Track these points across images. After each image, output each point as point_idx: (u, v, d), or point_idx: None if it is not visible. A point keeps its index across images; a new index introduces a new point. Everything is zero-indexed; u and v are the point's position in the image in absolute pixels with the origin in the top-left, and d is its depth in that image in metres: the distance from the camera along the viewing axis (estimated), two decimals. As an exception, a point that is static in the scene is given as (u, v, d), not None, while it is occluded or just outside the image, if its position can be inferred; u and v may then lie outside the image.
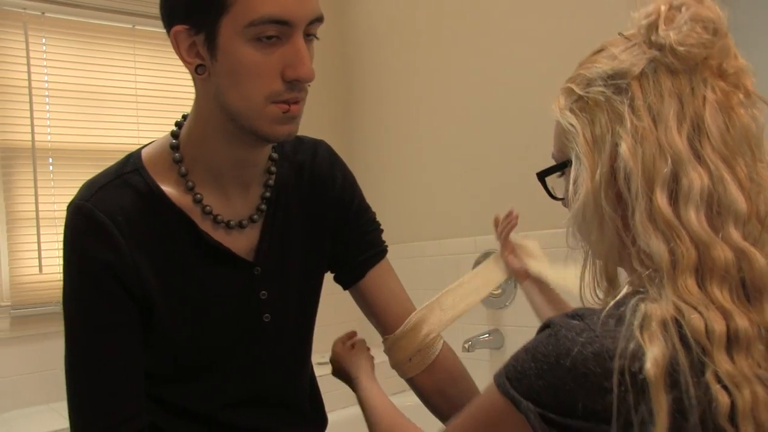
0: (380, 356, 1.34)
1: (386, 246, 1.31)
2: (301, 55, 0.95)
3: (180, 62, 1.00)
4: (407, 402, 2.67)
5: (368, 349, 1.33)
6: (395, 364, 1.29)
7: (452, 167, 2.81)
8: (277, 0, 0.92)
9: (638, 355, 0.68)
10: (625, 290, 0.79)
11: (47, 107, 2.64)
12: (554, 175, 0.93)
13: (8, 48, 2.56)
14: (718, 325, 0.69)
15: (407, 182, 3.04)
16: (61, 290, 1.05)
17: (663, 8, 0.79)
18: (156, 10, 1.02)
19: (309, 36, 0.99)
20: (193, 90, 1.05)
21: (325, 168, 1.24)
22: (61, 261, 2.60)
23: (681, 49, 0.76)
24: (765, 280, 0.73)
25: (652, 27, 0.79)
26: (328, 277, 1.29)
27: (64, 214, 1.05)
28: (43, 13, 2.63)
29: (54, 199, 2.60)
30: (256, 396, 1.18)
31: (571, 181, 0.83)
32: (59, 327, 1.05)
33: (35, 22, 2.62)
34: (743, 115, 0.76)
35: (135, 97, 2.82)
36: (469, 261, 2.67)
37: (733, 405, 0.67)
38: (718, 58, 0.77)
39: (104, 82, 2.76)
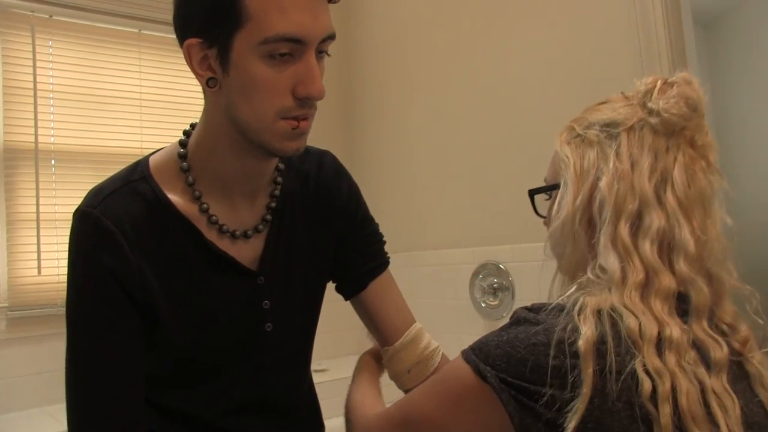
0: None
1: (388, 258, 1.32)
2: (313, 73, 0.96)
3: (185, 68, 1.00)
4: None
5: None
6: (394, 376, 1.29)
7: (452, 178, 2.82)
8: (291, 18, 0.92)
9: (574, 332, 0.82)
10: (572, 289, 0.93)
11: (52, 109, 2.66)
12: (543, 196, 1.11)
13: (15, 50, 2.58)
14: (650, 329, 0.83)
15: (407, 192, 3.05)
16: (60, 293, 1.05)
17: (659, 82, 0.98)
18: (162, 16, 1.03)
19: (321, 53, 1.00)
20: (198, 97, 1.06)
21: (331, 178, 1.25)
22: (60, 263, 2.59)
23: (665, 115, 0.94)
24: (705, 304, 0.88)
25: (648, 94, 0.98)
26: (329, 285, 1.29)
27: (65, 216, 1.06)
28: (50, 16, 2.65)
29: (55, 201, 2.61)
30: (256, 403, 1.18)
31: (556, 202, 1.01)
32: (57, 329, 1.06)
33: (43, 25, 2.64)
34: (702, 179, 0.94)
35: (139, 102, 2.83)
36: (468, 271, 2.68)
37: (654, 390, 0.79)
38: (693, 131, 0.95)
39: (109, 86, 2.78)
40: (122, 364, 1.02)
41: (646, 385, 0.79)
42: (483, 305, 2.64)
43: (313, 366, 1.34)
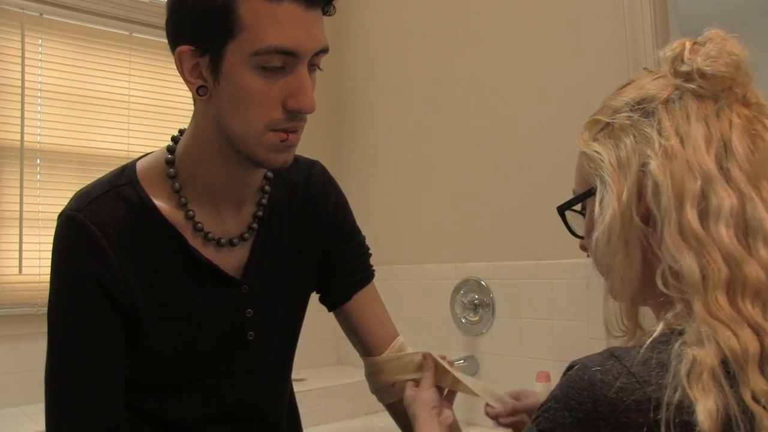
0: (357, 376, 1.34)
1: (374, 270, 1.32)
2: (305, 86, 0.96)
3: (175, 73, 1.00)
4: (379, 423, 2.67)
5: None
6: (376, 389, 1.29)
7: (437, 194, 2.84)
8: (285, 31, 0.92)
9: (684, 406, 0.64)
10: (660, 328, 0.74)
11: (39, 108, 2.64)
12: (576, 214, 0.93)
13: (4, 47, 2.57)
14: (753, 344, 0.67)
15: (391, 206, 3.06)
16: (41, 293, 1.05)
17: (687, 43, 0.83)
18: (154, 19, 1.03)
19: (312, 66, 1.00)
20: (187, 102, 1.06)
21: (319, 189, 1.25)
22: (42, 263, 2.57)
23: (709, 70, 0.78)
24: None
25: (678, 58, 0.82)
26: (312, 296, 1.30)
27: (48, 216, 1.05)
28: (41, 14, 2.63)
29: (39, 200, 2.59)
30: (236, 411, 1.18)
31: (597, 203, 0.83)
32: (37, 329, 1.05)
33: (33, 23, 2.62)
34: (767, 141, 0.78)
35: (128, 104, 2.83)
36: (449, 287, 2.69)
37: None
38: (742, 87, 0.80)
39: (98, 87, 2.76)
40: (103, 367, 1.02)
41: (766, 422, 0.64)
42: (463, 321, 2.65)
43: (292, 375, 1.34)
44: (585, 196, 0.88)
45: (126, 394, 1.06)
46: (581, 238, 0.93)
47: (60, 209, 1.05)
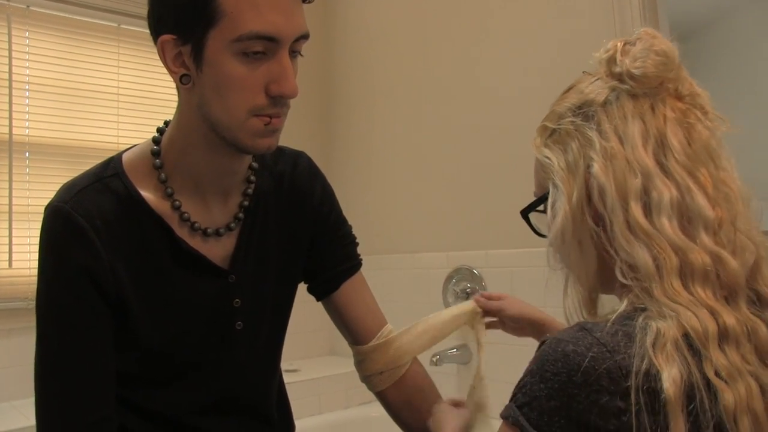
0: (350, 366, 1.34)
1: (361, 259, 1.33)
2: (286, 71, 0.97)
3: (162, 62, 1.01)
4: (372, 413, 2.68)
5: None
6: (365, 377, 1.30)
7: (428, 182, 2.84)
8: (265, 17, 0.93)
9: (652, 374, 0.68)
10: (624, 305, 0.79)
11: (27, 101, 2.62)
12: (539, 215, 0.96)
13: (-9, 40, 2.55)
14: (711, 324, 0.71)
15: (383, 195, 3.06)
16: (31, 287, 1.05)
17: (619, 44, 0.87)
18: (142, 11, 1.02)
19: (294, 53, 1.01)
20: (175, 93, 1.06)
21: (305, 179, 1.25)
22: (32, 257, 2.57)
23: (637, 72, 0.82)
24: (739, 281, 0.77)
25: (611, 60, 0.86)
26: (300, 286, 1.30)
27: (38, 209, 1.05)
28: (27, 6, 2.61)
29: (29, 193, 2.58)
30: (225, 401, 1.18)
31: (549, 207, 0.87)
32: (27, 323, 1.05)
33: (19, 15, 2.60)
34: (702, 130, 0.82)
35: (117, 96, 2.81)
36: (441, 275, 2.69)
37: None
38: (674, 83, 0.84)
39: (86, 80, 2.75)
40: (92, 359, 1.02)
41: (728, 396, 0.68)
42: (456, 309, 2.65)
43: (285, 366, 1.35)
44: (543, 199, 0.92)
45: (116, 385, 1.06)
46: (545, 236, 0.95)
47: (50, 202, 1.05)
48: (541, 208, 0.95)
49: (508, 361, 1.52)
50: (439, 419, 1.19)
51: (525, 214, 0.97)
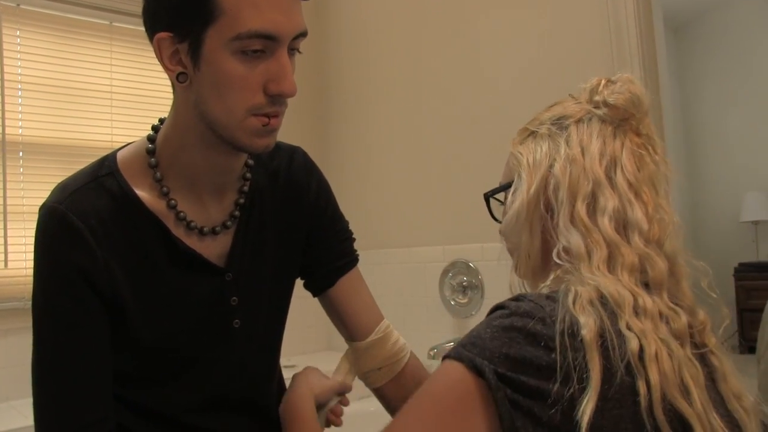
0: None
1: (358, 255, 1.32)
2: (285, 70, 0.95)
3: (157, 62, 0.99)
4: (370, 408, 2.68)
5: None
6: (363, 374, 1.29)
7: (423, 176, 2.84)
8: (265, 15, 0.92)
9: (573, 322, 0.80)
10: (550, 279, 0.95)
11: (20, 100, 2.62)
12: (498, 202, 1.13)
13: (-18, 39, 2.54)
14: (628, 297, 0.84)
15: (378, 190, 3.06)
16: (27, 287, 1.05)
17: (603, 81, 1.03)
18: (134, 8, 1.02)
19: (292, 50, 1.00)
20: (169, 90, 1.05)
21: (301, 175, 1.25)
22: (27, 257, 2.56)
23: (612, 101, 0.99)
24: (663, 277, 0.89)
25: (594, 90, 1.03)
26: (297, 282, 1.29)
27: (32, 209, 1.04)
28: (18, 4, 2.61)
29: (23, 193, 2.58)
30: (224, 400, 1.18)
31: (511, 192, 1.04)
32: (23, 323, 1.05)
33: (10, 14, 2.60)
34: (650, 163, 0.98)
35: (110, 95, 2.81)
36: (438, 269, 2.70)
37: (641, 349, 0.80)
38: (637, 122, 1.00)
39: (79, 78, 2.74)
40: (89, 360, 1.02)
41: (634, 343, 0.79)
42: (452, 303, 2.66)
43: (283, 362, 1.34)
44: (506, 187, 1.08)
45: (114, 384, 1.06)
46: (499, 222, 1.12)
47: (45, 202, 1.04)
48: (500, 197, 1.12)
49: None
50: None
51: (487, 196, 1.14)
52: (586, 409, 0.75)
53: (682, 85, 6.54)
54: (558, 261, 0.93)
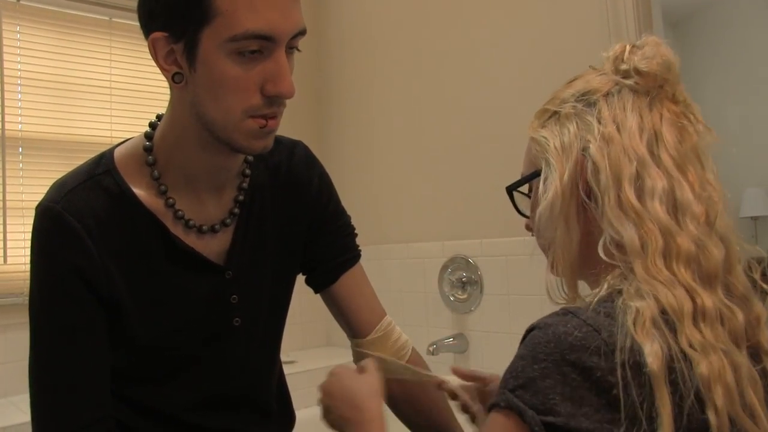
0: (347, 357, 1.32)
1: (360, 251, 1.31)
2: (283, 70, 0.94)
3: (153, 60, 0.98)
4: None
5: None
6: None
7: (423, 172, 2.83)
8: (262, 15, 0.89)
9: (635, 350, 0.72)
10: (604, 289, 0.82)
11: (19, 96, 2.61)
12: (522, 195, 1.01)
13: (-19, 35, 2.54)
14: (687, 303, 0.76)
15: (377, 185, 3.06)
16: (26, 282, 1.04)
17: (627, 46, 0.93)
18: (133, 4, 0.99)
19: (291, 49, 0.98)
20: (168, 86, 1.04)
21: (302, 169, 1.23)
22: (26, 252, 2.55)
23: (644, 68, 0.88)
24: (718, 269, 0.81)
25: (618, 58, 0.92)
26: (298, 277, 1.29)
27: (32, 204, 1.04)
28: (18, 0, 2.60)
29: (22, 189, 2.58)
30: (225, 397, 1.18)
31: (541, 182, 0.91)
32: (23, 318, 1.04)
33: (10, 9, 2.59)
34: (693, 133, 0.89)
35: (109, 90, 2.80)
36: (437, 265, 2.70)
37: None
38: (672, 87, 0.90)
39: (79, 74, 2.74)
40: (87, 360, 1.01)
41: (704, 365, 0.72)
42: (452, 299, 2.66)
43: (282, 358, 1.34)
44: (531, 177, 0.97)
45: (113, 383, 1.06)
46: (527, 217, 1.01)
47: (44, 198, 1.04)
48: (523, 189, 1.00)
49: (507, 349, 1.52)
50: None
51: (510, 190, 1.02)
52: None
53: (681, 79, 6.53)
54: (605, 257, 0.83)
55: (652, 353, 0.71)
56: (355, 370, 1.09)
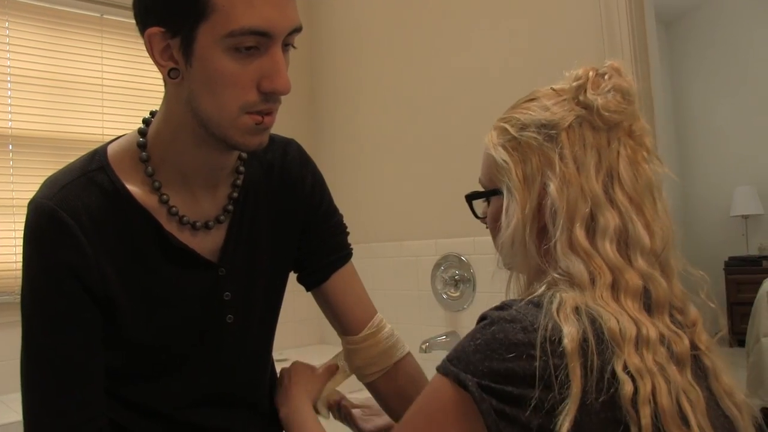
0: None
1: (351, 249, 1.31)
2: (279, 67, 0.93)
3: (149, 55, 0.97)
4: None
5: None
6: (356, 368, 1.29)
7: (415, 170, 2.83)
8: (259, 11, 0.89)
9: (556, 330, 0.80)
10: (542, 289, 0.90)
11: (9, 93, 2.60)
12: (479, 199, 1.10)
13: (-29, 31, 2.52)
14: (630, 329, 0.82)
15: (370, 183, 3.06)
16: (17, 281, 1.03)
17: (591, 74, 0.97)
18: (125, 0, 0.99)
19: (286, 45, 0.97)
20: (161, 83, 1.03)
21: (295, 168, 1.23)
22: (17, 251, 2.55)
23: (605, 113, 0.93)
24: (667, 298, 0.89)
25: (581, 89, 0.96)
26: (290, 276, 1.29)
27: (23, 202, 1.03)
28: (7, -4, 2.59)
29: (13, 186, 2.57)
30: (217, 395, 1.18)
31: (504, 211, 0.98)
32: (14, 317, 1.03)
33: None
34: (647, 169, 0.94)
35: (101, 87, 2.79)
36: (429, 263, 2.70)
37: (635, 391, 0.79)
38: (629, 121, 0.96)
39: (70, 71, 2.73)
40: (79, 359, 1.01)
41: (627, 387, 0.78)
42: (444, 297, 2.66)
43: (274, 356, 1.34)
44: (491, 193, 1.04)
45: (106, 381, 1.05)
46: (481, 219, 1.11)
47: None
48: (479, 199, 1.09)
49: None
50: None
51: (470, 199, 1.11)
52: (565, 420, 0.76)
53: (673, 79, 6.56)
54: (558, 277, 0.90)
55: (569, 335, 0.79)
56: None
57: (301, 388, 1.23)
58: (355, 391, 2.48)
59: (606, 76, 0.96)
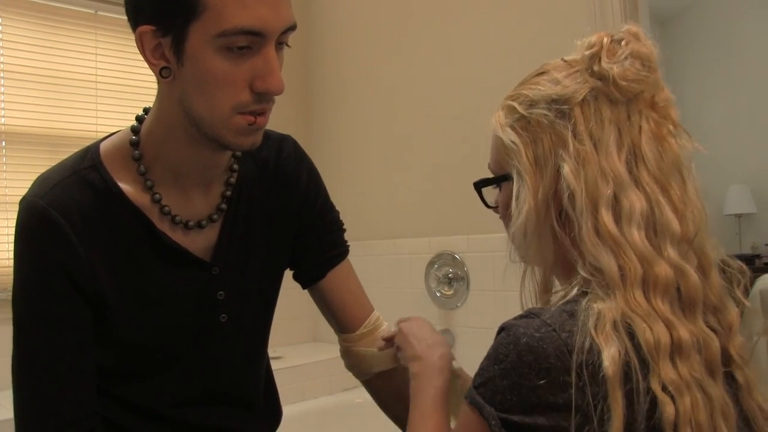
0: (333, 353, 1.32)
1: (348, 246, 1.30)
2: (272, 66, 0.92)
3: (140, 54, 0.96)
4: (356, 399, 2.68)
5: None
6: (352, 366, 1.28)
7: (409, 168, 2.83)
8: (251, 11, 0.88)
9: (594, 352, 0.72)
10: (575, 292, 0.82)
11: (2, 89, 2.59)
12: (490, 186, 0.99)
13: (-37, 27, 2.51)
14: (664, 337, 0.75)
15: (364, 181, 3.05)
16: (9, 277, 1.02)
17: (605, 41, 0.86)
18: None
19: (280, 44, 0.96)
20: (155, 81, 1.01)
21: (291, 165, 1.22)
22: (9, 247, 2.53)
23: (623, 83, 0.83)
24: (698, 294, 0.80)
25: (595, 58, 0.86)
26: (286, 273, 1.28)
27: (15, 199, 1.02)
28: (0, -8, 2.57)
29: (6, 183, 2.56)
30: (212, 394, 1.17)
31: (514, 197, 0.88)
32: (5, 314, 1.03)
33: (-8, 2, 2.56)
34: (673, 144, 0.85)
35: (95, 84, 2.78)
36: (423, 261, 2.70)
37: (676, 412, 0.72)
38: (651, 91, 0.86)
39: (63, 67, 2.71)
40: (70, 358, 1.00)
41: (669, 409, 0.72)
42: (438, 295, 2.66)
43: (269, 353, 1.34)
44: (501, 179, 0.95)
45: (99, 380, 1.05)
46: (493, 208, 1.01)
47: (29, 193, 1.02)
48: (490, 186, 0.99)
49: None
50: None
51: (479, 187, 1.00)
52: None
53: (667, 77, 6.56)
54: (587, 277, 0.81)
55: (609, 357, 0.71)
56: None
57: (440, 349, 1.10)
58: (349, 389, 2.48)
59: (623, 42, 0.86)
